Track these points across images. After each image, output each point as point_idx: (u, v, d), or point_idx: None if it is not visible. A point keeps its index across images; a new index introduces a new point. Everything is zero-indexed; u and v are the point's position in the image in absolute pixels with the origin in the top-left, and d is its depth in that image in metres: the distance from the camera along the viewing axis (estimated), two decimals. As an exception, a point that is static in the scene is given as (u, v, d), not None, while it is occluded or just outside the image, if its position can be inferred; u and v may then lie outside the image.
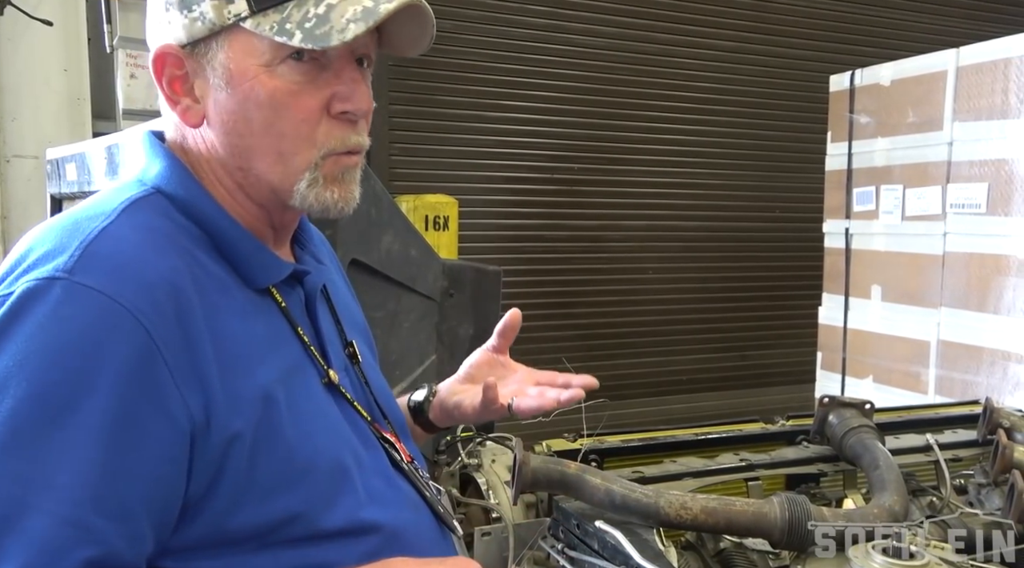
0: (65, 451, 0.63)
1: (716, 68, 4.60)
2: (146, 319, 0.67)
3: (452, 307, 2.04)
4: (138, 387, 0.66)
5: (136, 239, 0.71)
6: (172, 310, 0.69)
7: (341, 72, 0.79)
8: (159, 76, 0.80)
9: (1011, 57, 2.62)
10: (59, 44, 3.12)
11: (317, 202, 0.80)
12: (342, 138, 0.80)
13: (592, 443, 1.32)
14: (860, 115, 3.23)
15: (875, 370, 3.17)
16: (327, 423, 0.80)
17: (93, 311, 0.66)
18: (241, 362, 0.73)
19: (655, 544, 0.99)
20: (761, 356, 4.88)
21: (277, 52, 0.76)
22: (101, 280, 0.67)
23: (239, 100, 0.77)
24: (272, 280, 0.82)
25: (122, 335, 0.66)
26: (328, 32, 0.75)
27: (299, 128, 0.77)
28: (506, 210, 4.26)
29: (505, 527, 1.16)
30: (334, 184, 0.80)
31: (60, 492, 0.62)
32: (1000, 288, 2.65)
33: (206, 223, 0.78)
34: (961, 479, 1.36)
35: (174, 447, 0.68)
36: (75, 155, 2.00)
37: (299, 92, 0.77)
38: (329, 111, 0.79)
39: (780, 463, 1.30)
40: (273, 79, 0.76)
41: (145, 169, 0.81)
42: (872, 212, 3.17)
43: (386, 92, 3.90)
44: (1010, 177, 2.62)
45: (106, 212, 0.73)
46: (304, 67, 0.77)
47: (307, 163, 0.79)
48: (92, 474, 0.63)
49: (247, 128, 0.78)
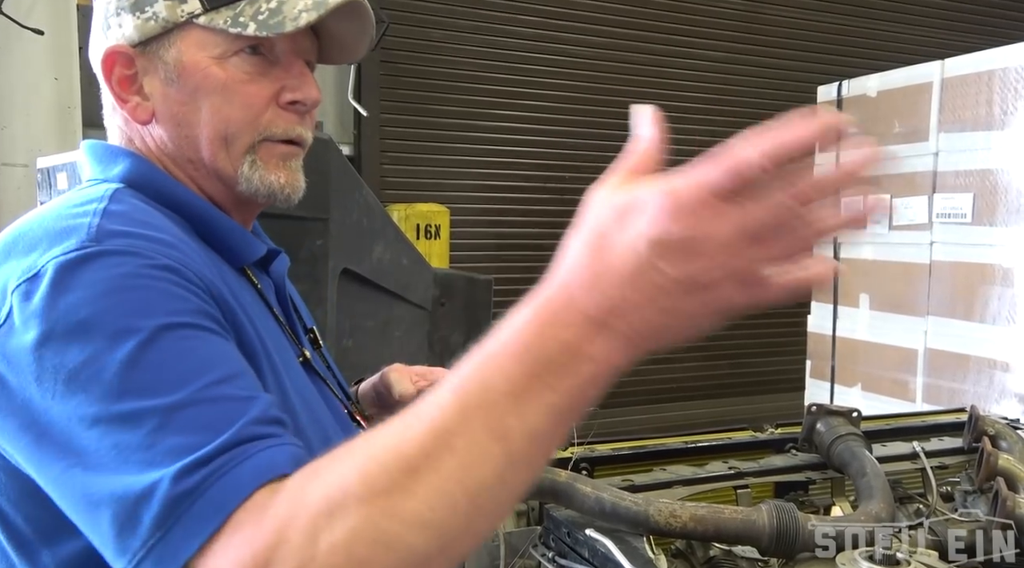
0: (187, 350, 0.62)
1: (706, 78, 4.64)
2: (185, 268, 0.68)
3: (443, 316, 2.05)
4: (207, 307, 0.67)
5: (138, 215, 0.73)
6: (195, 269, 0.70)
7: (290, 67, 0.83)
8: (108, 76, 0.82)
9: (995, 69, 2.65)
10: (50, 53, 3.12)
11: (263, 185, 0.82)
12: (286, 127, 0.83)
13: (582, 451, 1.33)
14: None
15: (864, 378, 3.20)
16: (312, 396, 0.82)
17: (141, 263, 0.66)
18: (252, 328, 0.75)
19: (645, 552, 0.99)
20: (751, 364, 4.91)
21: (230, 46, 0.80)
22: (132, 243, 0.67)
23: (190, 91, 0.80)
24: (252, 257, 0.85)
25: (172, 272, 0.67)
26: (281, 21, 0.79)
27: (245, 113, 0.80)
28: (498, 219, 4.27)
29: (496, 535, 1.17)
30: (279, 169, 0.83)
31: (205, 375, 0.61)
32: (986, 297, 2.68)
33: (182, 207, 0.80)
34: (947, 486, 1.37)
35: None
36: (66, 164, 2.00)
37: (249, 81, 0.81)
38: (278, 101, 0.82)
39: (769, 471, 1.31)
40: (225, 70, 0.80)
41: (102, 171, 0.81)
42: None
43: (377, 101, 3.91)
44: (995, 187, 2.65)
45: (96, 197, 0.73)
46: (254, 60, 0.81)
47: (247, 146, 0.81)
48: (222, 360, 0.64)
49: (196, 117, 0.81)
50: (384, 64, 3.91)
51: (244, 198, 0.84)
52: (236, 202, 0.85)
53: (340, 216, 1.62)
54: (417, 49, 4.01)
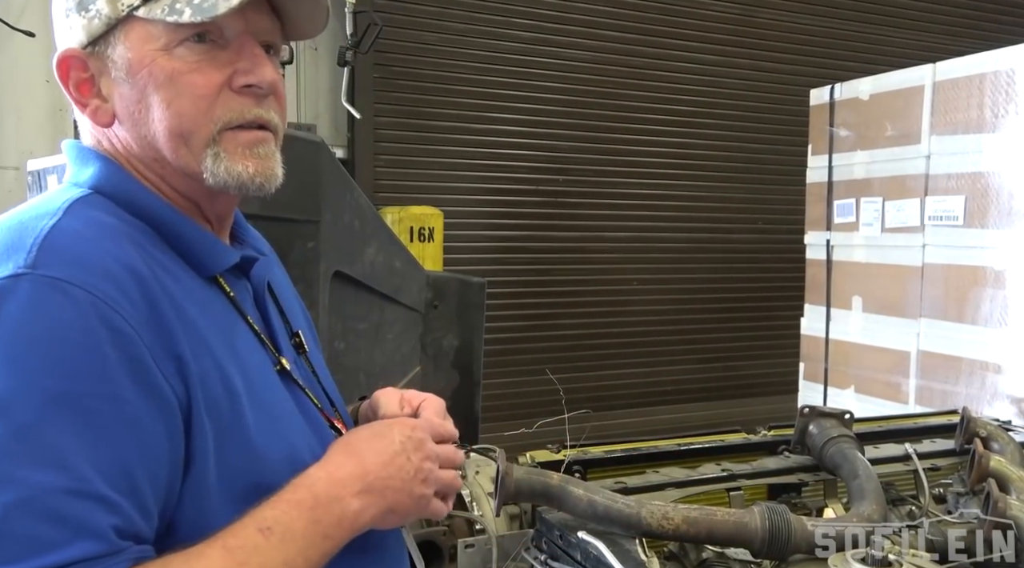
0: (68, 436, 0.63)
1: (700, 82, 4.65)
2: (117, 305, 0.67)
3: (436, 318, 2.05)
4: (125, 369, 0.67)
5: (89, 232, 0.72)
6: (139, 296, 0.69)
7: (241, 50, 0.79)
8: (65, 81, 0.81)
9: (986, 72, 2.66)
10: (41, 55, 3.10)
11: (230, 176, 0.79)
12: (240, 110, 0.79)
13: (575, 454, 1.32)
14: (840, 128, 3.28)
15: (857, 380, 3.20)
16: (282, 412, 0.81)
17: (66, 301, 0.66)
18: (206, 349, 0.74)
19: (637, 554, 0.99)
20: (744, 367, 4.91)
21: (173, 35, 0.77)
22: (66, 271, 0.67)
23: (140, 87, 0.78)
24: (222, 266, 0.82)
25: (100, 321, 0.66)
26: (215, 3, 0.75)
27: (197, 104, 0.77)
28: (491, 221, 4.27)
29: (489, 538, 1.16)
30: (246, 158, 0.79)
31: (72, 472, 0.63)
32: (977, 299, 2.69)
33: (150, 216, 0.78)
34: (939, 488, 1.38)
35: (167, 426, 0.69)
36: (56, 166, 1.98)
37: (197, 70, 0.77)
38: (232, 86, 0.78)
39: (761, 473, 1.31)
40: (171, 61, 0.77)
41: (76, 174, 0.81)
42: (852, 224, 3.21)
43: (371, 103, 3.90)
44: (986, 190, 2.66)
45: (51, 211, 0.73)
46: (202, 48, 0.77)
47: (206, 139, 0.78)
48: (97, 454, 0.64)
49: (149, 114, 0.78)
50: (378, 67, 3.91)
51: (216, 191, 0.81)
52: (210, 196, 0.83)
53: (332, 218, 1.61)
54: (411, 52, 4.01)
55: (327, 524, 0.74)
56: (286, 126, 0.87)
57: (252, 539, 0.69)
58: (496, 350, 3.75)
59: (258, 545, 0.69)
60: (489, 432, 2.07)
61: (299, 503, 0.73)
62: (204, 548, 0.68)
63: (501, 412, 3.60)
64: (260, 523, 0.70)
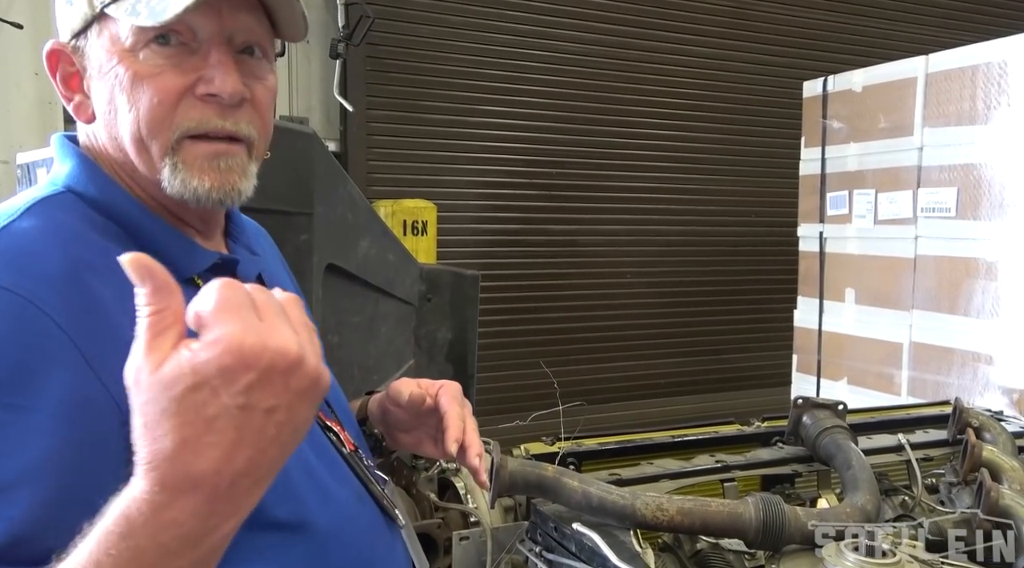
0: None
1: (693, 75, 4.65)
2: (50, 308, 0.65)
3: (430, 311, 2.04)
4: (46, 375, 0.63)
5: (37, 234, 0.70)
6: (80, 301, 0.67)
7: (208, 55, 0.76)
8: (52, 73, 0.80)
9: (979, 64, 2.67)
10: (30, 47, 3.08)
11: (185, 189, 0.76)
12: (200, 119, 0.75)
13: (570, 446, 1.32)
14: (833, 121, 3.28)
15: (849, 372, 3.22)
16: None
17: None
18: None
19: (632, 546, 0.99)
20: (738, 359, 4.92)
21: (139, 36, 0.74)
22: (11, 281, 0.65)
23: (107, 88, 0.76)
24: (196, 269, 0.80)
25: (22, 324, 0.64)
26: (165, 6, 0.72)
27: (155, 111, 0.74)
28: (485, 215, 4.26)
29: (483, 531, 1.17)
30: (205, 172, 0.76)
31: None
32: (970, 291, 2.70)
33: (119, 217, 0.77)
34: (932, 478, 1.38)
35: (91, 435, 0.65)
36: (46, 160, 1.97)
37: (159, 75, 0.74)
38: (194, 94, 0.75)
39: (755, 464, 1.32)
40: (135, 63, 0.75)
41: (56, 170, 0.80)
42: (845, 216, 3.21)
43: (364, 97, 3.89)
44: (978, 181, 2.67)
45: (9, 212, 0.72)
46: (169, 51, 0.75)
47: (164, 148, 0.76)
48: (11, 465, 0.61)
49: (116, 116, 0.76)
50: (370, 59, 3.89)
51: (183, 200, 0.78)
52: (180, 203, 0.79)
53: (325, 211, 1.60)
54: (404, 44, 3.99)
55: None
56: (270, 131, 0.83)
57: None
58: (490, 343, 3.76)
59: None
60: (483, 425, 2.06)
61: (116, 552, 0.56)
62: None
63: (495, 405, 3.60)
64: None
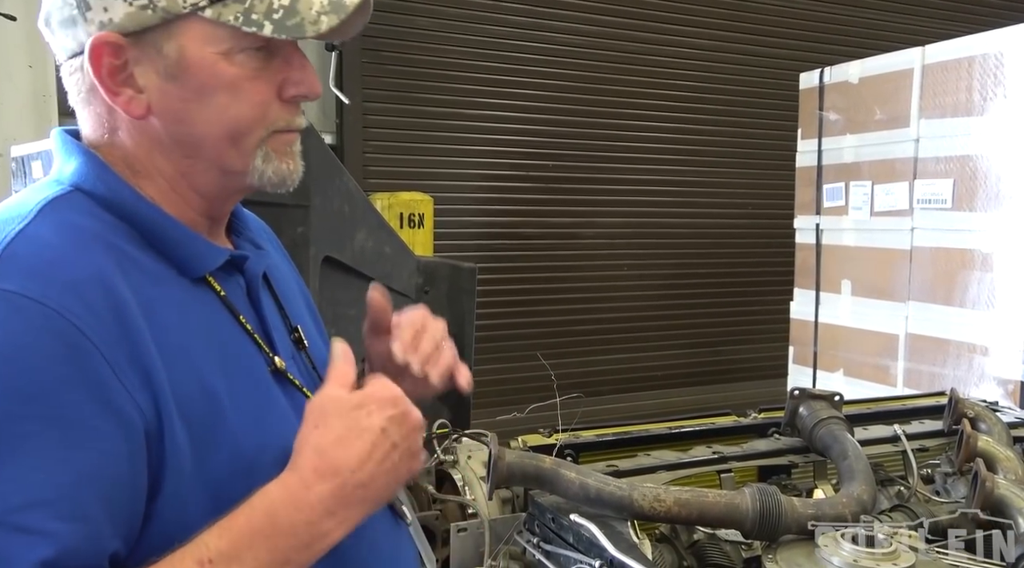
0: (8, 460, 0.62)
1: (689, 66, 4.64)
2: (77, 318, 0.65)
3: (427, 304, 2.03)
4: (79, 387, 0.64)
5: (56, 239, 0.70)
6: (104, 306, 0.67)
7: (291, 59, 0.81)
8: (97, 66, 0.76)
9: (975, 55, 2.67)
10: (23, 39, 3.06)
11: (276, 175, 0.83)
12: (289, 121, 0.83)
13: (567, 438, 1.33)
14: (829, 112, 3.28)
15: (846, 363, 3.23)
16: (273, 412, 0.79)
17: (19, 316, 0.64)
18: (182, 355, 0.72)
19: (629, 536, 1.00)
20: (734, 351, 4.94)
21: (239, 42, 0.76)
22: (24, 283, 0.65)
23: (194, 88, 0.77)
24: (208, 268, 0.80)
25: (53, 337, 0.64)
26: (300, 23, 0.77)
27: (255, 111, 0.79)
28: (482, 208, 4.25)
29: (481, 522, 1.17)
30: (286, 157, 0.84)
31: (6, 500, 0.61)
32: (965, 282, 2.71)
33: (131, 216, 0.77)
34: (928, 468, 1.39)
35: (127, 444, 0.66)
36: (41, 153, 1.96)
37: (256, 78, 0.79)
38: (281, 95, 0.81)
39: (752, 455, 1.32)
40: (232, 67, 0.77)
41: (60, 168, 0.79)
42: (842, 208, 3.22)
43: (360, 89, 3.87)
44: (974, 173, 2.67)
45: (22, 214, 0.71)
46: (259, 56, 0.79)
47: (258, 141, 0.81)
48: (39, 479, 0.62)
49: (200, 115, 0.78)
50: (366, 52, 3.87)
51: (241, 189, 0.84)
52: (226, 195, 0.84)
53: (321, 203, 1.60)
54: (400, 36, 3.98)
55: (287, 549, 0.69)
56: None
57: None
58: (487, 335, 3.76)
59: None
60: (481, 417, 2.07)
61: (253, 531, 0.68)
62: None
63: (493, 397, 3.61)
64: (201, 554, 0.65)
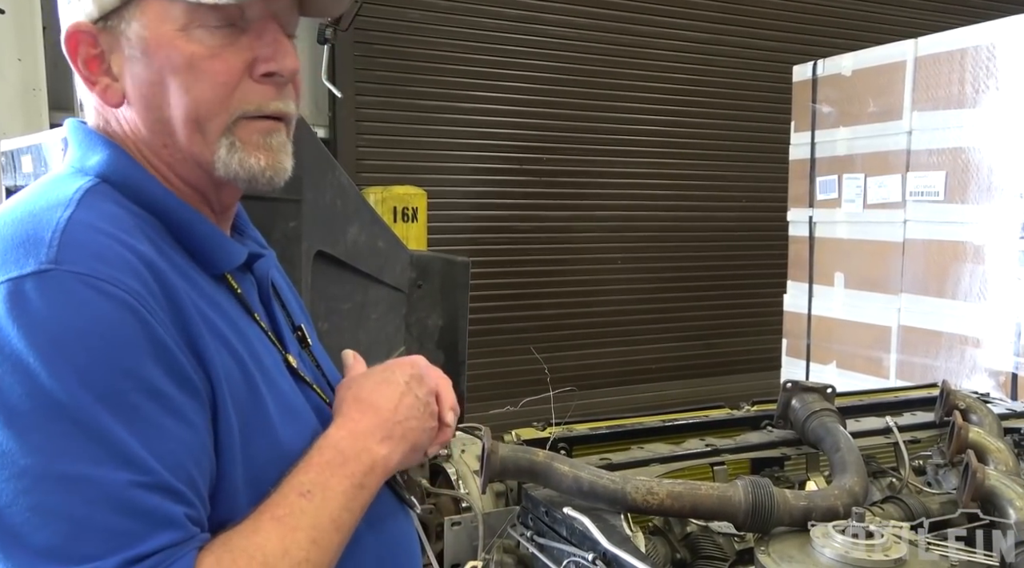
0: (124, 432, 0.63)
1: (683, 59, 4.63)
2: (143, 300, 0.66)
3: (421, 298, 2.04)
4: (159, 363, 0.66)
5: (105, 226, 0.69)
6: (160, 291, 0.68)
7: (263, 34, 0.76)
8: (74, 57, 0.77)
9: (967, 47, 2.67)
10: (12, 32, 3.03)
11: (242, 169, 0.76)
12: (260, 102, 0.76)
13: (560, 431, 1.33)
14: (822, 105, 3.28)
15: (838, 356, 3.24)
16: (295, 408, 0.80)
17: (100, 297, 0.65)
18: (224, 343, 0.73)
19: (623, 529, 1.00)
20: (728, 344, 4.95)
21: (193, 16, 0.73)
22: (92, 266, 0.65)
23: (156, 69, 0.74)
24: (231, 265, 0.80)
25: (133, 316, 0.65)
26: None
27: (217, 91, 0.74)
28: (475, 201, 4.25)
29: (475, 516, 1.17)
30: (259, 150, 0.77)
31: (138, 466, 0.63)
32: (957, 274, 2.72)
33: (159, 210, 0.76)
34: (919, 460, 1.40)
35: (203, 417, 0.69)
36: (31, 147, 1.95)
37: (218, 55, 0.74)
38: (252, 74, 0.76)
39: (745, 448, 1.33)
40: (190, 43, 0.74)
41: (81, 158, 0.78)
42: (835, 200, 3.22)
43: (353, 82, 3.86)
44: (967, 165, 2.68)
45: (63, 202, 0.70)
46: (223, 32, 0.74)
47: (222, 128, 0.75)
48: (154, 447, 0.64)
49: (165, 98, 0.75)
50: (358, 44, 3.85)
51: (223, 182, 0.79)
52: (217, 187, 0.80)
53: (314, 197, 1.59)
54: (392, 29, 3.96)
55: (360, 475, 0.77)
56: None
57: (297, 504, 0.71)
58: (481, 329, 3.75)
59: (304, 509, 0.71)
60: (474, 411, 2.07)
61: (330, 463, 0.76)
62: (255, 523, 0.69)
63: (486, 391, 3.61)
64: (299, 488, 0.72)
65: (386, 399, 0.83)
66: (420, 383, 0.87)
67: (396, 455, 0.81)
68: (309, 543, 0.70)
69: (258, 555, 0.67)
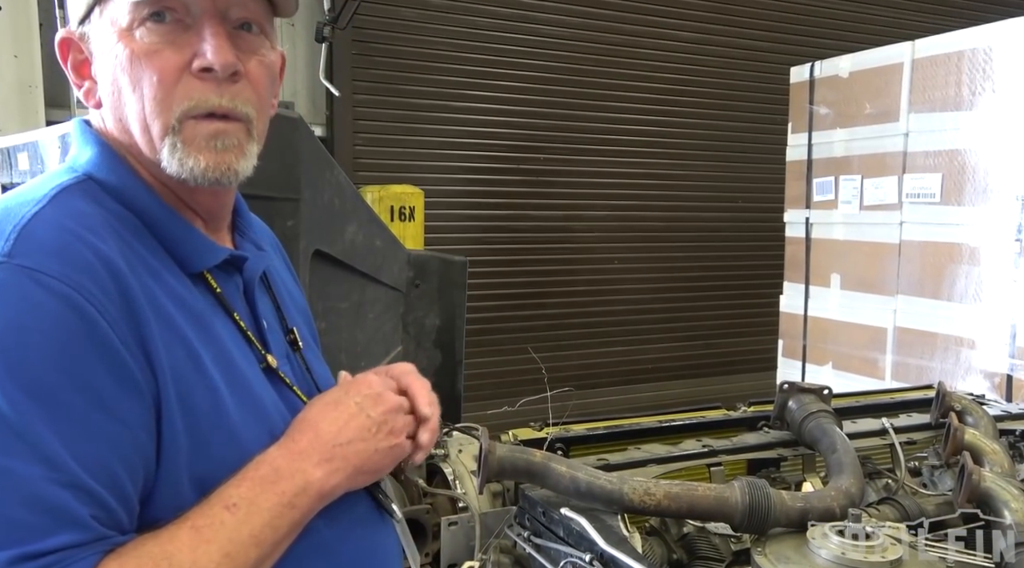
0: (48, 427, 0.64)
1: (681, 60, 4.64)
2: (93, 298, 0.67)
3: (418, 297, 2.04)
4: (99, 360, 0.67)
5: (69, 223, 0.71)
6: (114, 289, 0.69)
7: (202, 30, 0.75)
8: (64, 61, 0.80)
9: (964, 50, 2.68)
10: (9, 30, 3.03)
11: (182, 169, 0.76)
12: (200, 99, 0.75)
13: (558, 432, 1.33)
14: (819, 106, 3.29)
15: (834, 357, 3.24)
16: (262, 408, 0.80)
17: (41, 291, 0.66)
18: (182, 345, 0.73)
19: (620, 530, 1.00)
20: (724, 344, 4.96)
21: (134, 14, 0.75)
22: (43, 262, 0.67)
23: (109, 70, 0.76)
24: (207, 264, 0.81)
25: (74, 312, 0.66)
26: None
27: (156, 90, 0.74)
28: (473, 200, 4.25)
29: (472, 516, 1.17)
30: (201, 151, 0.76)
31: (53, 461, 0.63)
32: (953, 276, 2.72)
33: (137, 208, 0.77)
34: (915, 461, 1.40)
35: (142, 416, 0.69)
36: (27, 144, 1.94)
37: (157, 52, 0.74)
38: (191, 71, 0.75)
39: (741, 448, 1.33)
40: (131, 43, 0.75)
41: (76, 156, 0.80)
42: (831, 202, 3.23)
43: (350, 81, 3.85)
44: (963, 167, 2.68)
45: (36, 198, 0.72)
46: (164, 29, 0.75)
47: (166, 127, 0.75)
48: (76, 445, 0.65)
49: (120, 98, 0.77)
50: (356, 43, 3.85)
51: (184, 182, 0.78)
52: (187, 188, 0.79)
53: (311, 196, 1.59)
54: (390, 28, 3.96)
55: (291, 495, 0.75)
56: (269, 109, 0.83)
57: (219, 516, 0.71)
58: (478, 329, 3.76)
59: (225, 521, 0.71)
60: (472, 411, 2.07)
61: (263, 478, 0.75)
62: (173, 529, 0.69)
63: (483, 391, 3.61)
64: (226, 501, 0.72)
65: (329, 422, 0.81)
66: (375, 403, 0.84)
67: (334, 478, 0.79)
68: (221, 556, 0.69)
69: (164, 564, 0.67)
